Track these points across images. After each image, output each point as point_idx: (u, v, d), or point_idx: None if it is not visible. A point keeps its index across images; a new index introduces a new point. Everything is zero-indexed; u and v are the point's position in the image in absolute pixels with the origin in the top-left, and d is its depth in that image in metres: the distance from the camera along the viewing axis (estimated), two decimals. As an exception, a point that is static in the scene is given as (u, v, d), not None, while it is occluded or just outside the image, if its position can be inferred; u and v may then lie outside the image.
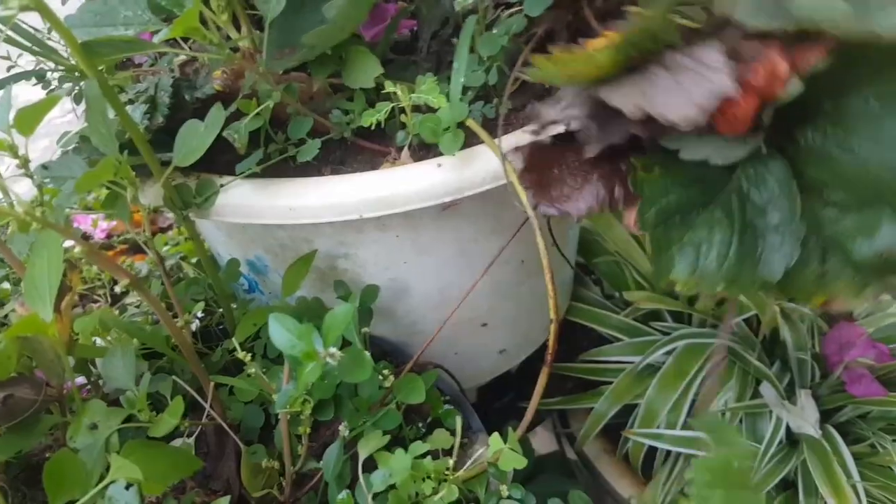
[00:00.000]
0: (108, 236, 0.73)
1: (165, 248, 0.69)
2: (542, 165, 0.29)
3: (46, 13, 0.33)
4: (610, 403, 0.62)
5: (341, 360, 0.33)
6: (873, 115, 0.27)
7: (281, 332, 0.33)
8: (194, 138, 0.37)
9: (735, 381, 0.63)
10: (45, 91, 0.58)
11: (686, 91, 0.22)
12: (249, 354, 0.39)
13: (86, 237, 0.73)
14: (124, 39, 0.35)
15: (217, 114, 0.37)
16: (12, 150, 0.40)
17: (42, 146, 0.75)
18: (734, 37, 0.24)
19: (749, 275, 0.28)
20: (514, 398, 0.73)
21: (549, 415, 0.74)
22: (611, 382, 0.66)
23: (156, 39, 0.34)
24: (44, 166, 0.38)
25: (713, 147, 0.26)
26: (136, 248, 0.75)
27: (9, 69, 0.55)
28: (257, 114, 0.41)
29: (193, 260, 0.68)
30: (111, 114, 0.37)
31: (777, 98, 0.25)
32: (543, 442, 0.74)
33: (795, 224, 0.28)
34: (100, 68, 0.36)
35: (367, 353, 0.37)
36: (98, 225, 0.75)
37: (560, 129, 0.31)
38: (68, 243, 0.55)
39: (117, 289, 0.66)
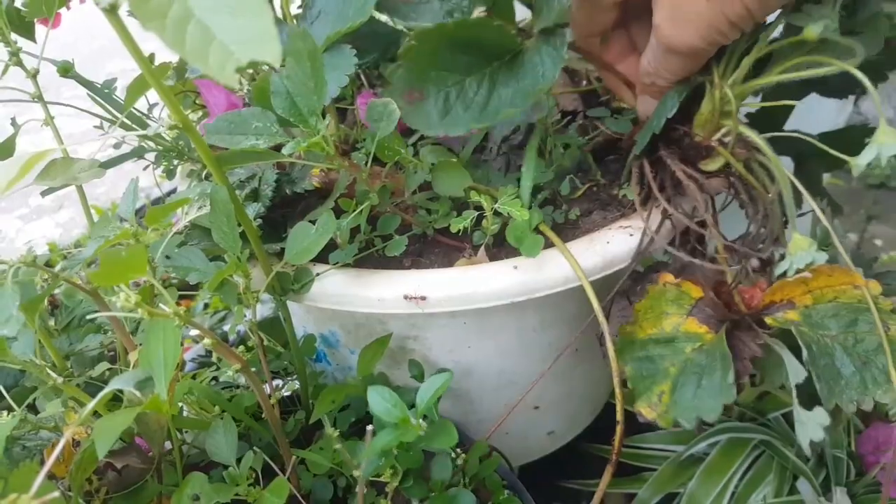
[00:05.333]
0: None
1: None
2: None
3: (189, 130, 0.38)
4: (653, 491, 0.64)
5: (428, 428, 0.37)
6: None
7: (379, 401, 0.37)
8: (306, 239, 0.42)
9: (773, 477, 0.65)
10: (143, 168, 0.64)
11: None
12: (336, 431, 0.43)
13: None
14: (255, 151, 0.39)
15: (329, 220, 0.41)
16: (136, 237, 0.44)
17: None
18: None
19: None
20: (554, 476, 0.75)
21: (585, 496, 0.76)
22: (651, 469, 0.68)
23: (284, 151, 0.39)
24: (166, 256, 0.42)
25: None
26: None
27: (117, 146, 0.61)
28: (358, 213, 0.45)
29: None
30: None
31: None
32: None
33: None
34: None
35: (452, 424, 0.40)
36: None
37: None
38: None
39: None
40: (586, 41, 0.48)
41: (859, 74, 0.38)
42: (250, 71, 0.61)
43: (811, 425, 0.42)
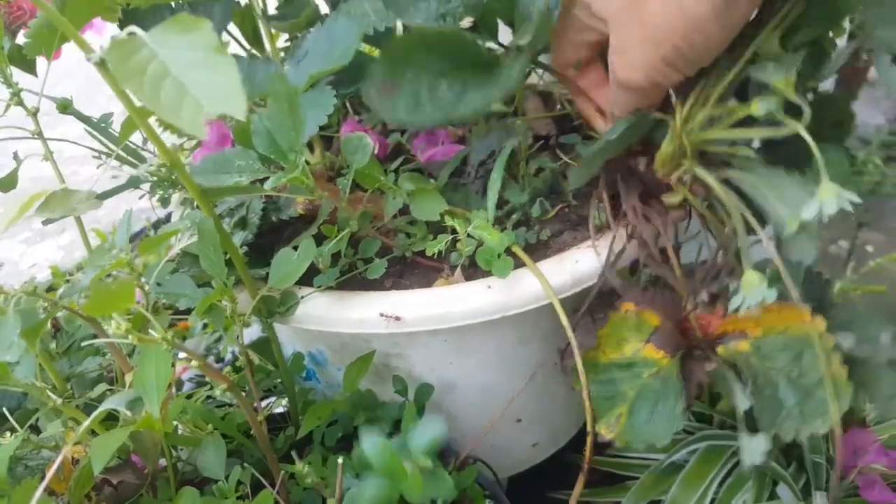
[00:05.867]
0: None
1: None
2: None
3: (178, 167, 0.40)
4: (636, 499, 0.66)
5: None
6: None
7: (375, 448, 0.37)
8: (287, 265, 0.44)
9: (753, 483, 0.67)
10: (139, 197, 0.67)
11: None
12: (306, 466, 0.45)
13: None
14: (239, 187, 0.42)
15: (309, 246, 0.44)
16: (130, 266, 0.47)
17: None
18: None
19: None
20: (542, 487, 0.77)
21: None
22: (634, 477, 0.70)
23: (267, 185, 0.42)
24: (157, 283, 0.45)
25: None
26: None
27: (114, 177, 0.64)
28: (339, 238, 0.48)
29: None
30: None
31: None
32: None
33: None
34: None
35: (446, 473, 0.41)
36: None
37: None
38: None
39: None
40: (563, 68, 0.51)
41: (804, 132, 0.39)
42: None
43: (753, 450, 0.44)
